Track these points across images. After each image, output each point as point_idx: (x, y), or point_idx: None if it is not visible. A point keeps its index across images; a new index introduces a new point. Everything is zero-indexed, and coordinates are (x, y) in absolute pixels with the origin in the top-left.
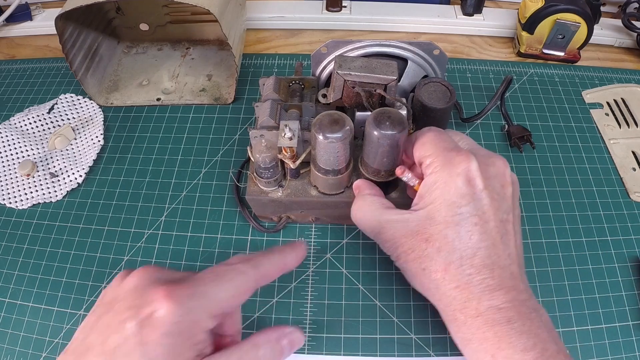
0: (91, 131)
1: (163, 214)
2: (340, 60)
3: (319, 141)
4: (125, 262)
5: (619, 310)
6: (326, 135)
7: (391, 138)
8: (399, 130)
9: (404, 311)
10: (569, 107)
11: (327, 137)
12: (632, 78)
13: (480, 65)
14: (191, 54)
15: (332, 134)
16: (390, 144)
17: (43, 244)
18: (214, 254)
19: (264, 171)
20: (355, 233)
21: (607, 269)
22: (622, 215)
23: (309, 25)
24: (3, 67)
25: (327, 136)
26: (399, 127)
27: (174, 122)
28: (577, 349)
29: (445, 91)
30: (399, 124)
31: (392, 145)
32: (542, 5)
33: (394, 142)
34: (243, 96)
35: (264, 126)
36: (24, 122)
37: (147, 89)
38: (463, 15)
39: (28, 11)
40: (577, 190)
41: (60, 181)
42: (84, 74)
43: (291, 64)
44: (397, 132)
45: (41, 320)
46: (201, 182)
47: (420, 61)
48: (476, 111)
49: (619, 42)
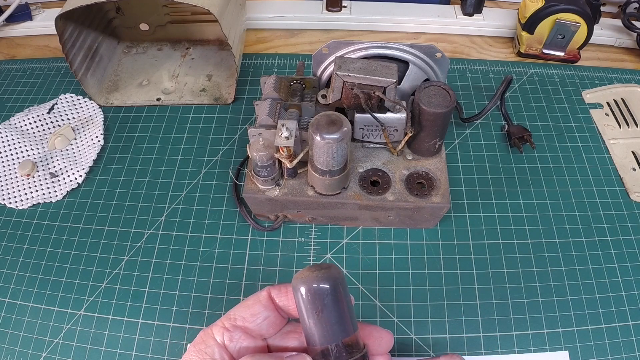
0: (91, 131)
1: (163, 214)
2: (340, 62)
3: (316, 142)
4: (125, 262)
5: (619, 310)
6: (323, 136)
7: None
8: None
9: (404, 311)
10: (568, 107)
11: (324, 138)
12: (632, 78)
13: (480, 65)
14: (191, 54)
15: (329, 134)
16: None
17: (43, 244)
18: (214, 254)
19: (261, 170)
20: (355, 233)
21: (607, 269)
22: (622, 215)
23: (309, 25)
24: (3, 67)
25: (324, 137)
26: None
27: (174, 122)
28: (577, 349)
29: (445, 95)
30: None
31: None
32: (542, 5)
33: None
34: (243, 96)
35: (262, 125)
36: (24, 122)
37: (147, 89)
38: (463, 15)
39: (28, 11)
40: (577, 190)
41: (60, 181)
42: (84, 74)
43: (291, 64)
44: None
45: (41, 320)
46: (201, 182)
47: (421, 64)
48: (476, 111)
49: (619, 42)
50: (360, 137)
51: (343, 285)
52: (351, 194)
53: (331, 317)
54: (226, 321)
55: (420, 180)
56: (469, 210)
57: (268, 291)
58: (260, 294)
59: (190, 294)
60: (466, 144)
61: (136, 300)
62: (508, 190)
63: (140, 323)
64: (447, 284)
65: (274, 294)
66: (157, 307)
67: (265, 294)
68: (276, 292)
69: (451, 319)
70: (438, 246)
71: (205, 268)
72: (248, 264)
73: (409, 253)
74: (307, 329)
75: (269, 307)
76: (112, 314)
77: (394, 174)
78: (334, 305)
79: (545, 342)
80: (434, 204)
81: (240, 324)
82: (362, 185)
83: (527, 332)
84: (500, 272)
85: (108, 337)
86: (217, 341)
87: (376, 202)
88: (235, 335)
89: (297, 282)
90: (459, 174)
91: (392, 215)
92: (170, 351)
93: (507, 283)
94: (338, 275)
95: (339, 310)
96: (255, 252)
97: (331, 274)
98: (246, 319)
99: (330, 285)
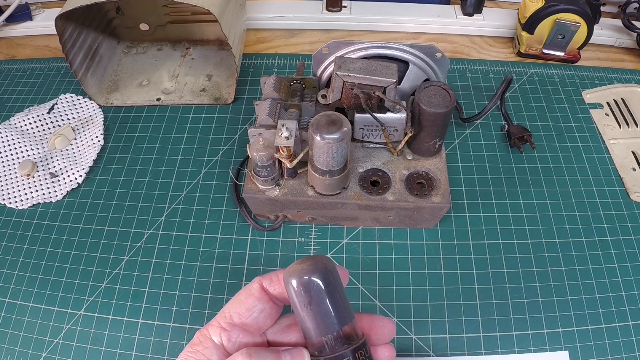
0: (91, 131)
1: (163, 214)
2: (340, 62)
3: (316, 142)
4: (125, 262)
5: (619, 310)
6: (323, 136)
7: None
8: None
9: (404, 311)
10: (568, 107)
11: (324, 138)
12: (632, 78)
13: (480, 65)
14: (191, 54)
15: (329, 134)
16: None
17: (43, 244)
18: (214, 254)
19: (261, 170)
20: (355, 233)
21: (607, 269)
22: (622, 215)
23: (309, 25)
24: (3, 67)
25: (324, 137)
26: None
27: (174, 122)
28: (577, 349)
29: (445, 95)
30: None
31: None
32: (542, 5)
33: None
34: (243, 96)
35: (262, 125)
36: (24, 122)
37: (147, 89)
38: (463, 15)
39: (28, 11)
40: (577, 190)
41: (60, 181)
42: (84, 74)
43: (291, 64)
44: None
45: (41, 320)
46: (201, 182)
47: (421, 64)
48: (476, 111)
49: (619, 42)
50: (360, 137)
51: (334, 276)
52: (351, 194)
53: (325, 308)
54: (222, 320)
55: (420, 180)
56: (469, 210)
57: (259, 282)
58: (251, 286)
59: (190, 294)
60: (466, 144)
61: (136, 300)
62: (508, 190)
63: (140, 323)
64: (447, 284)
65: (265, 284)
66: (157, 307)
67: (256, 286)
68: (268, 282)
69: (451, 319)
70: (438, 246)
71: (205, 268)
72: (248, 264)
73: (409, 253)
74: (302, 322)
75: (263, 299)
76: (112, 314)
77: (394, 174)
78: (327, 296)
79: (545, 342)
80: (434, 204)
81: (237, 320)
82: (362, 185)
83: (527, 332)
84: (500, 272)
85: (108, 337)
86: (214, 342)
87: (376, 202)
88: (233, 335)
89: (287, 276)
90: (459, 174)
91: (392, 215)
92: (170, 351)
93: (507, 283)
94: (329, 266)
95: (333, 300)
96: (255, 252)
97: (321, 265)
98: (242, 315)
99: (321, 277)
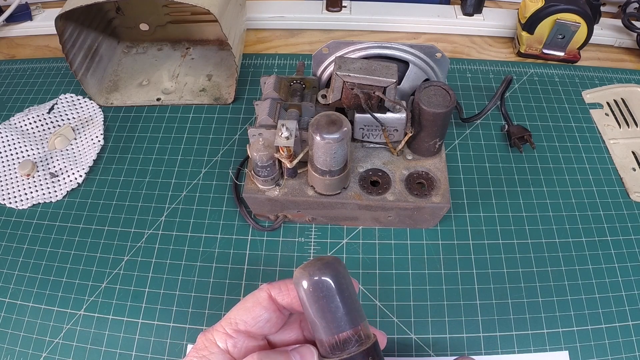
0: (91, 131)
1: (163, 214)
2: (340, 62)
3: (316, 142)
4: (125, 262)
5: (619, 310)
6: (323, 136)
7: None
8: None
9: (404, 311)
10: (568, 107)
11: (324, 138)
12: (632, 78)
13: (480, 65)
14: (191, 54)
15: (329, 134)
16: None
17: (43, 244)
18: (213, 254)
19: (261, 170)
20: (355, 233)
21: (607, 269)
22: (622, 215)
23: (309, 25)
24: (3, 67)
25: (324, 137)
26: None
27: (174, 122)
28: (577, 349)
29: (445, 95)
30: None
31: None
32: (542, 5)
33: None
34: (243, 96)
35: (262, 125)
36: (24, 122)
37: (147, 89)
38: (463, 15)
39: (28, 11)
40: (577, 190)
41: (60, 181)
42: (84, 74)
43: (291, 64)
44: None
45: (41, 320)
46: (201, 182)
47: (421, 64)
48: (476, 111)
49: (619, 42)
50: (360, 137)
51: (345, 276)
52: (351, 194)
53: (336, 309)
54: (227, 326)
55: (420, 180)
56: (469, 210)
57: (267, 291)
58: (259, 294)
59: (190, 294)
60: (466, 144)
61: (136, 300)
62: (508, 190)
63: (140, 323)
64: (447, 284)
65: (274, 293)
66: (157, 307)
67: (265, 295)
68: (277, 292)
69: (451, 319)
70: (438, 246)
71: (205, 268)
72: (248, 264)
73: (409, 253)
74: (313, 322)
75: (270, 309)
76: (112, 314)
77: (394, 174)
78: (338, 296)
79: (545, 342)
80: (434, 204)
81: (242, 328)
82: (362, 185)
83: (527, 332)
84: (500, 272)
85: (108, 337)
86: (220, 348)
87: (376, 202)
88: (239, 342)
89: (298, 277)
90: (459, 174)
91: (392, 215)
92: (170, 351)
93: (507, 283)
94: (340, 266)
95: (344, 301)
96: (255, 252)
97: (332, 265)
98: (248, 323)
99: (332, 277)
